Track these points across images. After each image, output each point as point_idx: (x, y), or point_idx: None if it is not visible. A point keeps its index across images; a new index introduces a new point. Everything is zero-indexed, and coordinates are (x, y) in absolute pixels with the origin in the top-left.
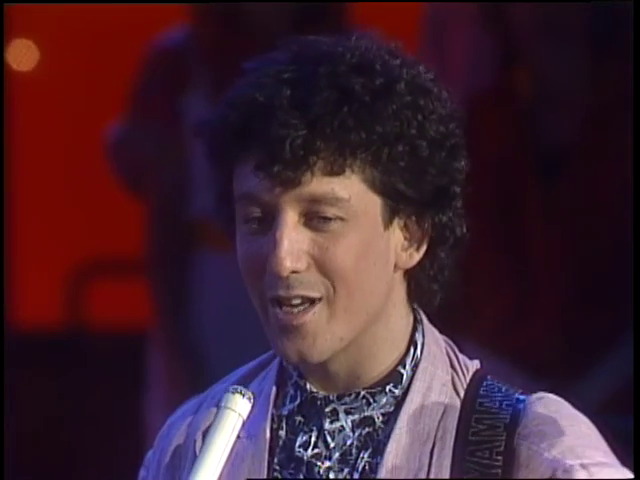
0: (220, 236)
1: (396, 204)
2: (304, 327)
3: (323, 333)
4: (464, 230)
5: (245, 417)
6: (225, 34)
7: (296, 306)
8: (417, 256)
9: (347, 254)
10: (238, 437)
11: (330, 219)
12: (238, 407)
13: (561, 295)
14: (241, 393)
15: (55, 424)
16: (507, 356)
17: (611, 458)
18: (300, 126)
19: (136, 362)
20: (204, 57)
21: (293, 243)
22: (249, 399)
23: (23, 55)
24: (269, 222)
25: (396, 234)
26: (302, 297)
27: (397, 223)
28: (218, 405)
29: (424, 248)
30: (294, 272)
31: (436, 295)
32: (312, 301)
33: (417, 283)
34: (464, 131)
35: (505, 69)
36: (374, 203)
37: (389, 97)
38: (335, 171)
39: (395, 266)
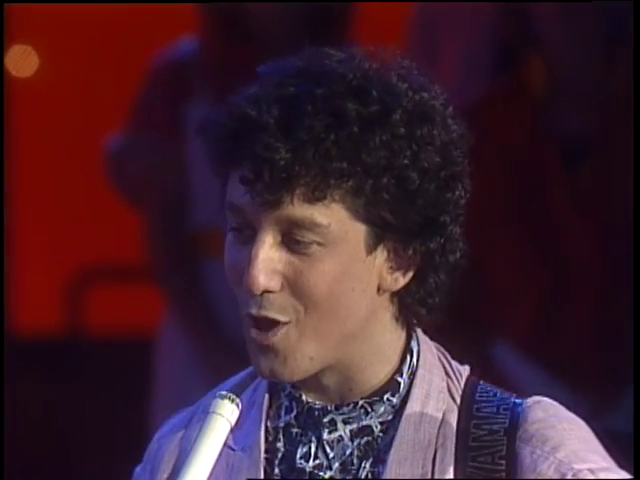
0: (221, 245)
1: (381, 231)
2: (274, 346)
3: (293, 352)
4: (458, 256)
5: (233, 423)
6: (229, 46)
7: (264, 326)
8: (402, 280)
9: (321, 279)
10: (233, 450)
11: (307, 243)
12: (226, 413)
13: (596, 294)
14: (230, 399)
15: (54, 431)
16: (542, 361)
17: (610, 462)
18: (283, 150)
19: (135, 368)
20: (208, 69)
21: (268, 262)
22: (237, 405)
23: (23, 61)
24: (251, 234)
25: (380, 258)
26: (271, 320)
27: (382, 248)
28: (207, 411)
29: (411, 273)
30: (267, 292)
31: (422, 318)
32: (280, 323)
33: (404, 305)
34: (479, 133)
35: (518, 62)
36: (357, 230)
37: (380, 127)
38: (316, 197)
39: (379, 288)
